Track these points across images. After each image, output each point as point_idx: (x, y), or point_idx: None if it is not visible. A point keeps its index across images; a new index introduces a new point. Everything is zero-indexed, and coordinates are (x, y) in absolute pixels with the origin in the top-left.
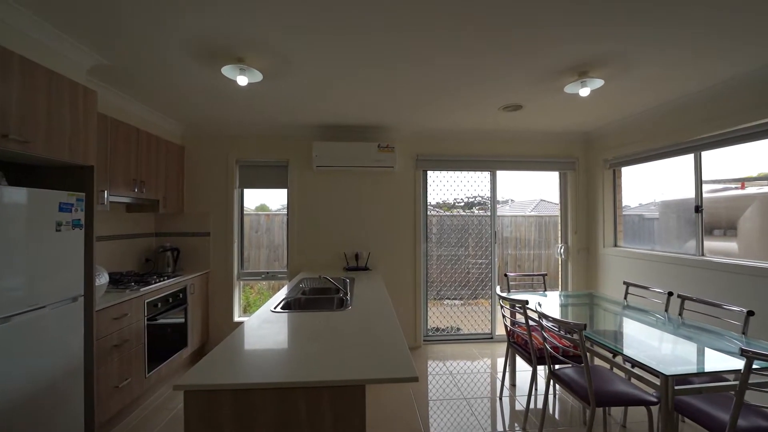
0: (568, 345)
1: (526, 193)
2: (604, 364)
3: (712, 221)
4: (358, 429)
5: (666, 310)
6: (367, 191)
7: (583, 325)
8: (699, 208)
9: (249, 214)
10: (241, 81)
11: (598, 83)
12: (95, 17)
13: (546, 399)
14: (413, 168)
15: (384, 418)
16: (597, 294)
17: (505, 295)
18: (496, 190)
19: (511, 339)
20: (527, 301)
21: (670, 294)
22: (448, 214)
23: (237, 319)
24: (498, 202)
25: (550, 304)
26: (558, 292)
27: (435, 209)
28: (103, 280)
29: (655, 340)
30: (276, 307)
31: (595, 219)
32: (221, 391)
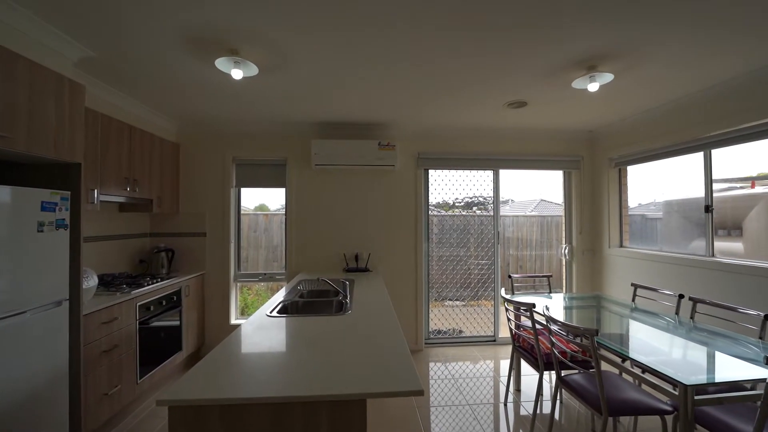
0: (576, 350)
1: (526, 193)
2: (612, 368)
3: (717, 221)
4: None
5: (677, 313)
6: (367, 190)
7: (595, 331)
8: (709, 208)
9: (247, 213)
10: (236, 74)
11: (608, 78)
12: (81, 5)
13: (554, 406)
14: (414, 166)
15: (385, 424)
16: (604, 296)
17: (510, 297)
18: (499, 189)
19: (516, 343)
20: (534, 305)
21: (681, 296)
22: (448, 214)
23: (233, 321)
24: (485, 203)
25: (555, 306)
26: (562, 294)
27: (435, 209)
28: (92, 283)
29: (669, 346)
30: (272, 312)
31: (600, 219)
32: (210, 406)
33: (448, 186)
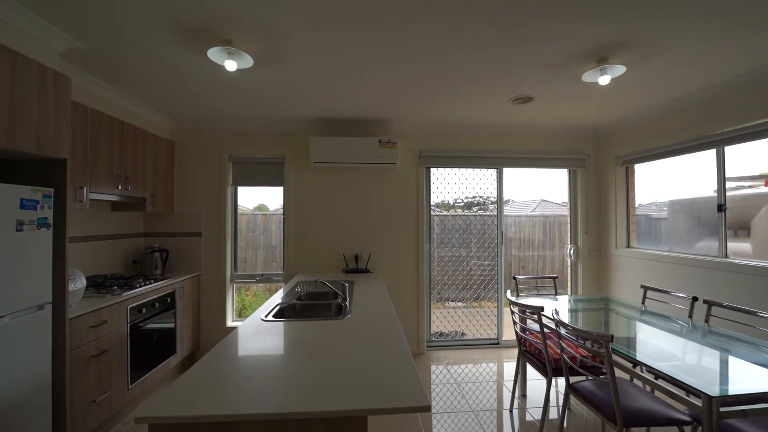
0: (585, 355)
1: (527, 192)
2: (622, 374)
3: (712, 221)
4: None
5: (690, 317)
6: (367, 189)
7: (610, 337)
8: (722, 207)
9: (246, 213)
10: (230, 66)
11: (620, 70)
12: None
13: (564, 414)
14: (416, 164)
15: (384, 431)
16: (612, 298)
17: (516, 299)
18: (503, 188)
19: (523, 347)
20: (543, 308)
21: (695, 299)
22: (449, 213)
23: (230, 324)
24: (494, 202)
25: (561, 309)
26: (567, 296)
27: (435, 209)
28: (80, 285)
29: (686, 351)
30: (268, 315)
31: (606, 218)
32: (195, 424)
33: (450, 185)
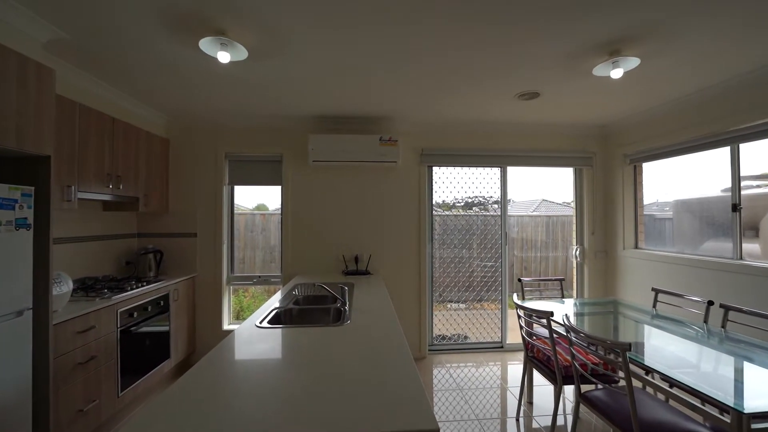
0: (597, 362)
1: (528, 192)
2: (635, 382)
3: (724, 222)
4: None
5: (705, 321)
6: (367, 188)
7: (628, 345)
8: (737, 207)
9: (244, 213)
10: (223, 57)
11: (633, 63)
12: None
13: (575, 425)
14: (418, 163)
15: None
16: (622, 301)
17: (523, 303)
18: (507, 187)
19: (530, 353)
20: (552, 313)
21: (711, 303)
22: (450, 213)
23: (226, 327)
24: (497, 202)
25: (568, 312)
26: (574, 298)
27: (435, 209)
28: (65, 288)
29: (703, 359)
30: (263, 321)
31: (613, 219)
32: None
33: (453, 184)
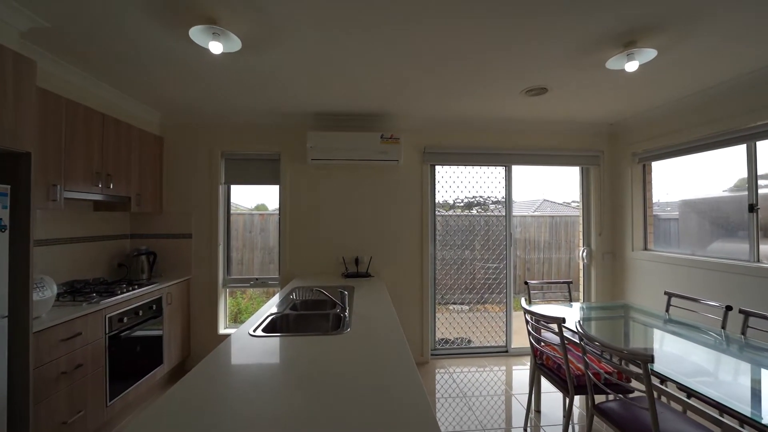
0: (610, 371)
1: (529, 192)
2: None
3: (738, 222)
4: None
5: (723, 328)
6: (368, 188)
7: (650, 357)
8: (754, 207)
9: (242, 213)
10: (215, 48)
11: (650, 54)
12: None
13: None
14: (420, 161)
15: None
16: (633, 305)
17: (530, 307)
18: (512, 186)
19: (539, 360)
20: (564, 319)
21: (729, 308)
22: (452, 214)
23: (222, 331)
24: (499, 202)
25: (577, 317)
26: (583, 302)
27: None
28: (48, 293)
29: (724, 369)
30: (257, 329)
31: (622, 219)
32: None
33: (457, 183)
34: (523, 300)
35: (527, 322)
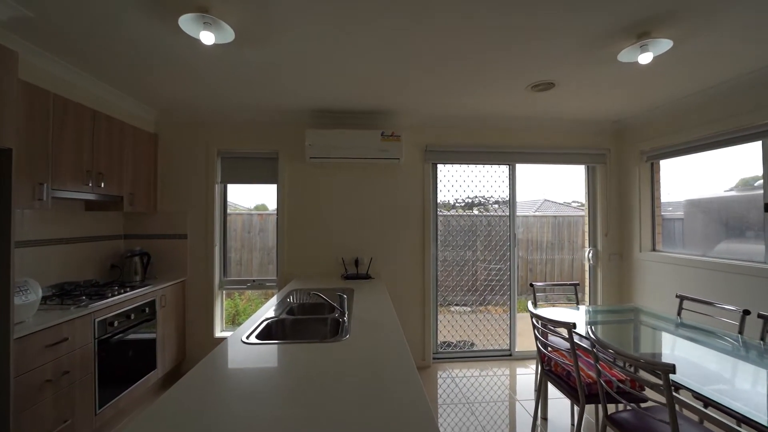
0: (622, 379)
1: (530, 192)
2: (660, 399)
3: (746, 222)
4: None
5: (740, 333)
6: (368, 187)
7: (672, 367)
8: None
9: (241, 213)
10: (206, 38)
11: (665, 45)
12: None
13: None
14: (422, 160)
15: None
16: (643, 309)
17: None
18: (516, 186)
19: (546, 366)
20: (575, 324)
21: (747, 312)
22: (454, 214)
23: (218, 334)
24: (498, 202)
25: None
26: (588, 305)
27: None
28: (33, 297)
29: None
30: (250, 335)
31: (629, 219)
32: None
33: (459, 182)
34: (530, 303)
35: (534, 326)
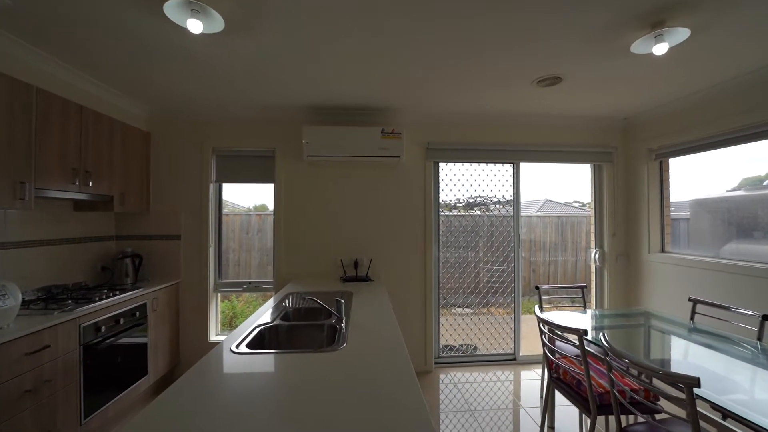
0: (636, 388)
1: (530, 192)
2: (675, 409)
3: (754, 222)
4: None
5: (759, 339)
6: (368, 186)
7: (696, 380)
8: None
9: (240, 213)
10: (194, 27)
11: (682, 35)
12: None
13: None
14: (423, 158)
15: None
16: (654, 313)
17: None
18: (520, 185)
19: (554, 374)
20: (586, 331)
21: (766, 318)
22: (456, 214)
23: (213, 338)
24: (500, 202)
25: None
26: (595, 309)
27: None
28: (11, 302)
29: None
30: (240, 345)
31: (637, 219)
32: None
33: (462, 182)
34: (537, 308)
35: (541, 332)
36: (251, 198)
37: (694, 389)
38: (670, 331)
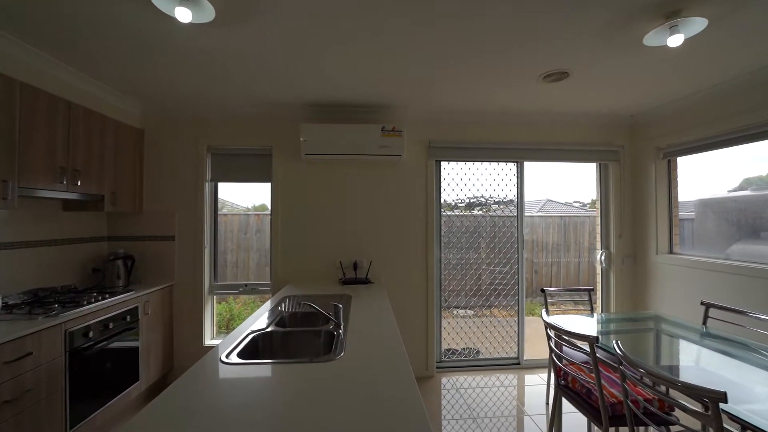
0: (649, 398)
1: (532, 192)
2: (692, 421)
3: (759, 223)
4: None
5: None
6: (368, 185)
7: (723, 394)
8: None
9: (238, 213)
10: (182, 15)
11: (699, 26)
12: None
13: None
14: (425, 157)
15: None
16: (665, 317)
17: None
18: (524, 184)
19: (562, 382)
20: (597, 338)
21: None
22: (457, 214)
23: (208, 342)
24: (503, 202)
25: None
26: (601, 312)
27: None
28: None
29: None
30: (230, 354)
31: (644, 220)
32: None
33: (463, 181)
34: (543, 312)
35: (549, 337)
36: (250, 198)
37: (726, 407)
38: (681, 336)
